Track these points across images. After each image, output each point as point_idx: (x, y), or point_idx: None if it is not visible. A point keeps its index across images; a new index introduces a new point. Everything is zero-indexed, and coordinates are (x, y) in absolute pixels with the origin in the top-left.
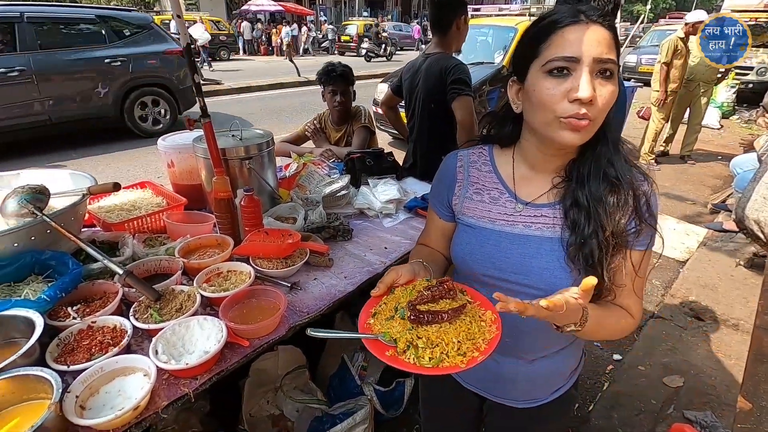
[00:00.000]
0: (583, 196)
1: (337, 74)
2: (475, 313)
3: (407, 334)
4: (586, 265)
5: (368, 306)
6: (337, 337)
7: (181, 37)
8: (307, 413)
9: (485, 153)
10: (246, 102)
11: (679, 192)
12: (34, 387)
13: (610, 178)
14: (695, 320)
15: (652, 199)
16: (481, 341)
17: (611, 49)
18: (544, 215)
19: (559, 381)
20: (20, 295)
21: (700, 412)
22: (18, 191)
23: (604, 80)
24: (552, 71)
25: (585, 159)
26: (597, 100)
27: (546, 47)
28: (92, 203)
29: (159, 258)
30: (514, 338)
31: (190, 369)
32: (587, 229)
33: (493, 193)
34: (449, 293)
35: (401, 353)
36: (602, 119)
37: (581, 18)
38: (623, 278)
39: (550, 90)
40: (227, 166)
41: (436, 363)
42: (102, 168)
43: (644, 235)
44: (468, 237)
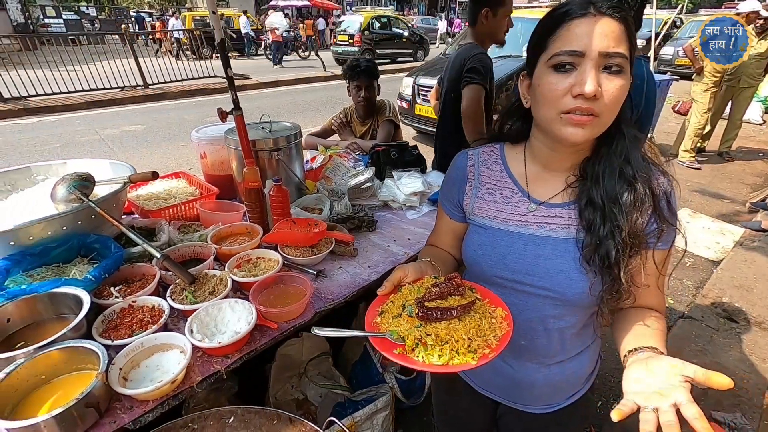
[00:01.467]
0: (598, 196)
1: (362, 69)
2: (485, 309)
3: (415, 331)
4: (603, 266)
5: (375, 304)
6: (344, 335)
7: (216, 33)
8: (329, 398)
9: (496, 151)
10: (273, 96)
11: (715, 190)
12: (82, 358)
13: (626, 176)
14: (728, 322)
15: (672, 197)
16: (492, 338)
17: (620, 42)
18: (558, 215)
19: (577, 385)
20: (68, 275)
21: (729, 413)
22: (67, 179)
23: (611, 75)
24: (557, 66)
25: (600, 156)
26: (603, 96)
27: (553, 40)
28: (131, 192)
29: (193, 244)
30: (529, 340)
31: (223, 348)
32: (603, 230)
33: (506, 193)
34: (458, 290)
35: (410, 351)
36: (611, 115)
37: (590, 10)
38: (645, 279)
39: (554, 85)
40: (257, 157)
41: (446, 360)
42: (137, 159)
43: (666, 234)
44: (480, 238)
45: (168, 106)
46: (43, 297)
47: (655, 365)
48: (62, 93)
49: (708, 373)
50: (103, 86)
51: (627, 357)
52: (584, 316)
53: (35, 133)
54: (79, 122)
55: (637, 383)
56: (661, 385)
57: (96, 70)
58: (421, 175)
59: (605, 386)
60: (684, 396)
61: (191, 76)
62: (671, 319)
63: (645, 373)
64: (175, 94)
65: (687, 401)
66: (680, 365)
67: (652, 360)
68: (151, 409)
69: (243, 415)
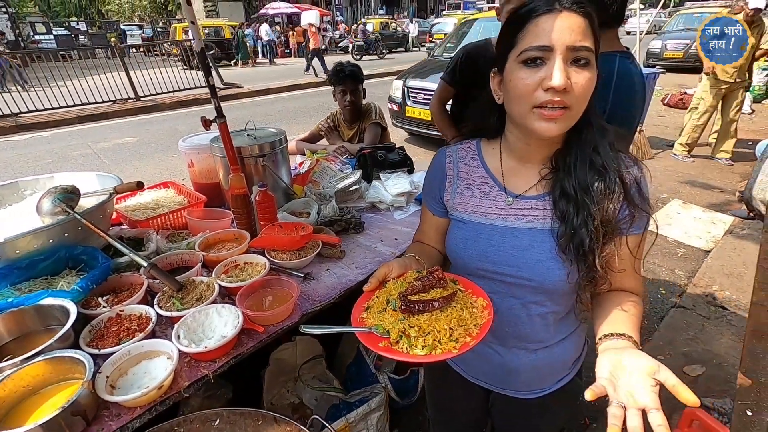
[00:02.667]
0: (570, 186)
1: (346, 74)
2: (466, 300)
3: (399, 324)
4: (578, 254)
5: (361, 301)
6: (331, 332)
7: (196, 42)
8: (324, 401)
9: (473, 147)
10: (265, 104)
11: (705, 180)
12: (69, 368)
13: (596, 166)
14: (719, 309)
15: (643, 183)
16: (473, 327)
17: (586, 36)
18: (534, 207)
19: (563, 370)
20: (56, 287)
21: (718, 399)
22: (52, 191)
23: (579, 68)
24: (526, 61)
25: (570, 148)
26: (573, 88)
27: (522, 36)
28: (120, 203)
29: (181, 252)
30: (513, 327)
31: (209, 352)
32: (576, 219)
33: (483, 188)
34: (440, 282)
35: (394, 344)
36: (581, 107)
37: (556, 6)
38: (620, 264)
39: (525, 80)
40: (243, 163)
41: (429, 350)
42: (131, 171)
43: (639, 219)
44: (461, 232)
45: (160, 118)
46: (30, 310)
47: (630, 362)
48: (54, 108)
49: (677, 386)
50: (95, 100)
51: (601, 341)
52: (565, 302)
53: (28, 149)
54: (71, 137)
55: (610, 373)
56: (633, 384)
57: (87, 85)
58: (407, 175)
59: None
60: (653, 402)
61: (183, 87)
62: (663, 309)
63: (618, 365)
64: (167, 105)
65: (655, 408)
66: (654, 366)
67: (627, 354)
68: (139, 415)
69: (228, 417)
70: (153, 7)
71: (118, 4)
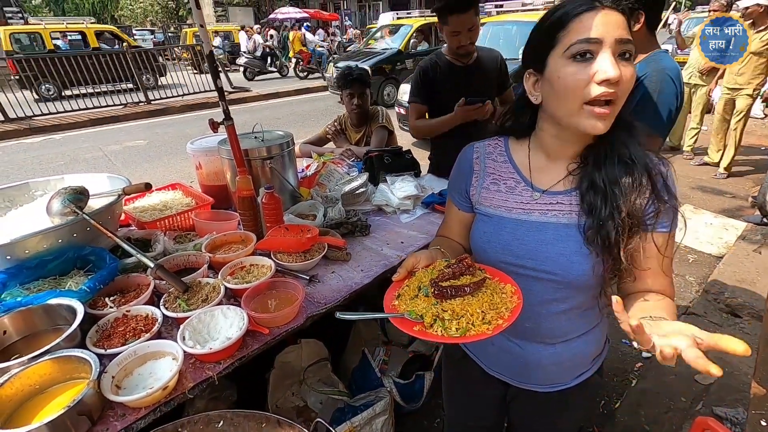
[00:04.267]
0: (599, 179)
1: (354, 78)
2: (495, 286)
3: (433, 309)
4: (604, 247)
5: (392, 290)
6: (366, 317)
7: (204, 45)
8: (329, 404)
9: (501, 144)
10: (274, 107)
11: (716, 185)
12: (75, 367)
13: (624, 159)
14: (731, 317)
15: (670, 179)
16: (504, 310)
17: (628, 31)
18: (560, 202)
19: (583, 365)
20: (64, 287)
21: (731, 408)
22: (61, 192)
23: (624, 62)
24: (575, 56)
25: (601, 143)
26: (621, 81)
27: (564, 35)
28: (129, 204)
29: (187, 253)
30: (534, 322)
31: (214, 354)
32: (604, 211)
33: (510, 183)
34: (469, 269)
35: (428, 327)
36: (623, 101)
37: (596, 4)
38: (646, 261)
39: (576, 75)
40: (250, 166)
41: (463, 332)
42: (140, 173)
43: (665, 216)
44: (486, 226)
45: (170, 121)
46: (39, 309)
47: (665, 323)
48: (67, 112)
49: (719, 336)
50: (107, 104)
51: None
52: (587, 297)
53: (40, 151)
54: (83, 140)
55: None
56: (668, 332)
57: (99, 88)
58: (414, 179)
59: (607, 386)
60: (686, 342)
61: (192, 91)
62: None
63: (653, 324)
64: (177, 108)
65: (688, 346)
66: (693, 328)
67: (663, 321)
68: (144, 415)
69: (232, 419)
70: (164, 12)
71: (131, 9)
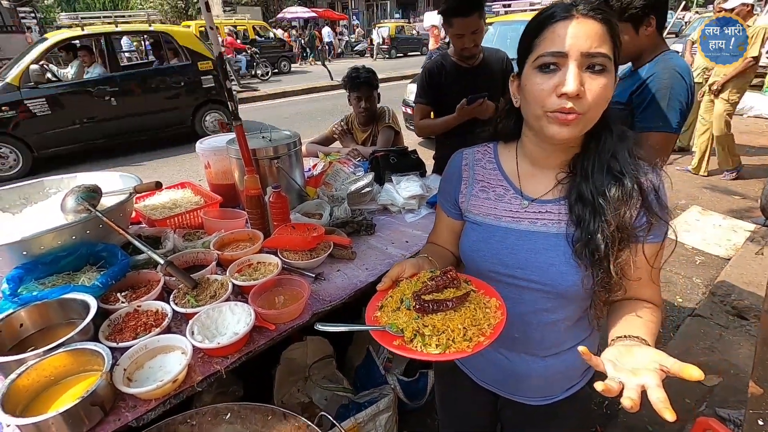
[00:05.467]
0: (587, 191)
1: (362, 81)
2: (479, 300)
3: (413, 323)
4: (593, 260)
5: (375, 300)
6: (346, 329)
7: (214, 47)
8: (334, 401)
9: (490, 150)
10: (281, 107)
11: (726, 186)
12: (89, 360)
13: (613, 171)
14: (738, 319)
15: (661, 190)
16: (486, 326)
17: (603, 42)
18: (549, 211)
19: (573, 378)
20: (77, 282)
21: (734, 410)
22: (75, 190)
23: (594, 74)
24: (541, 67)
25: (588, 153)
26: (586, 95)
27: (538, 42)
28: (139, 202)
29: (196, 250)
30: (523, 333)
31: (222, 348)
32: (593, 224)
33: (499, 190)
34: (453, 282)
35: (408, 342)
36: (596, 113)
37: (573, 12)
38: (636, 272)
39: (540, 85)
40: (257, 165)
41: (443, 349)
42: (149, 173)
43: (657, 228)
44: (475, 234)
45: None
46: (54, 303)
47: (637, 350)
48: None
49: (682, 368)
50: None
51: (613, 342)
52: (577, 309)
53: None
54: None
55: (612, 354)
56: (637, 365)
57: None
58: (419, 178)
59: None
60: (654, 380)
61: None
62: (679, 318)
63: (625, 352)
64: None
65: (656, 385)
66: (660, 356)
67: (636, 347)
68: (154, 407)
69: (239, 411)
70: (174, 11)
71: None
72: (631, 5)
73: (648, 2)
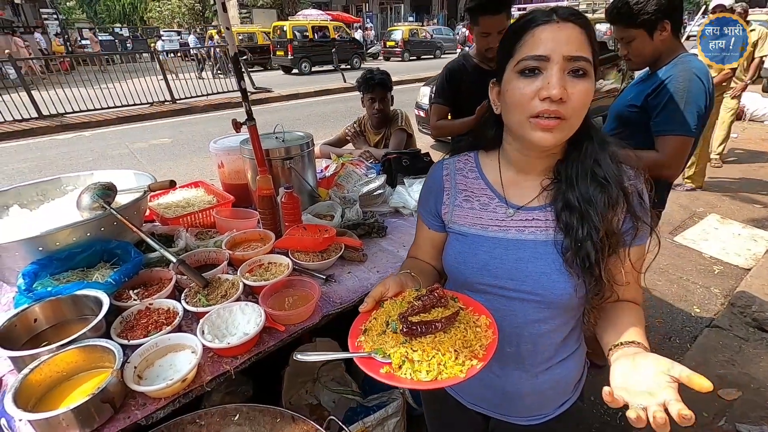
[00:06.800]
0: (574, 198)
1: (376, 82)
2: (469, 319)
3: (401, 348)
4: (584, 267)
5: (357, 323)
6: (327, 359)
7: (230, 47)
8: (342, 404)
9: (471, 159)
10: (294, 108)
11: (746, 193)
12: (100, 357)
13: (598, 178)
14: (758, 331)
15: (644, 194)
16: (478, 348)
17: (583, 47)
18: (536, 218)
19: (565, 394)
20: (91, 278)
21: (755, 425)
22: (91, 188)
23: (576, 79)
24: (524, 71)
25: (571, 159)
26: (569, 99)
27: (519, 47)
28: (153, 201)
29: (208, 250)
30: (515, 347)
31: (232, 348)
32: (581, 232)
33: (483, 199)
34: (440, 301)
35: (397, 369)
36: (579, 118)
37: (553, 17)
38: (624, 276)
39: (521, 89)
40: (270, 165)
41: (434, 376)
42: (164, 171)
43: (642, 231)
44: (460, 245)
45: (193, 120)
46: (67, 299)
47: (642, 363)
48: (96, 110)
49: (691, 377)
50: (134, 102)
51: (612, 351)
52: (569, 318)
53: (71, 147)
54: (111, 137)
55: (623, 379)
56: (650, 384)
57: (127, 88)
58: None
59: None
60: (672, 395)
61: (216, 91)
62: (697, 328)
63: (632, 369)
64: (201, 108)
65: (674, 400)
66: (667, 365)
67: (639, 357)
68: (163, 406)
69: (248, 412)
70: (191, 14)
71: (159, 11)
72: (643, 11)
73: (660, 7)
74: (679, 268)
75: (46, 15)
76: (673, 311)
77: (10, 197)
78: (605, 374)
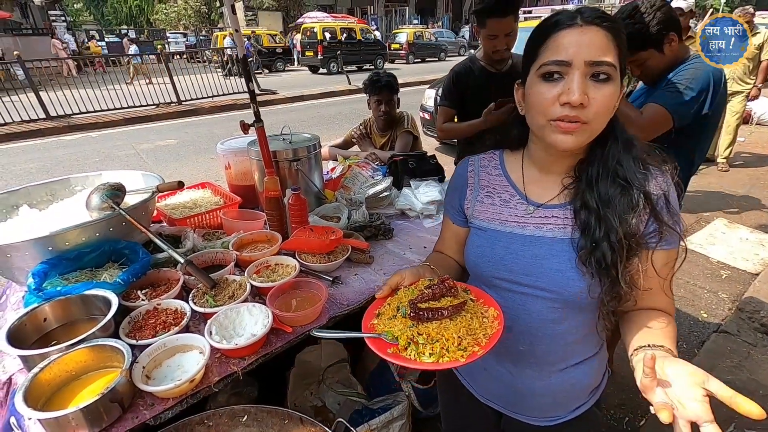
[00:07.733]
0: (592, 199)
1: (382, 85)
2: (477, 309)
3: (408, 331)
4: (600, 268)
5: (372, 308)
6: (341, 336)
7: (238, 49)
8: (347, 406)
9: (496, 157)
10: (299, 110)
11: (755, 197)
12: (109, 356)
13: (618, 179)
14: (767, 337)
15: (672, 197)
16: (482, 336)
17: (608, 51)
18: (555, 216)
19: (580, 398)
20: (100, 278)
21: None
22: (100, 188)
23: (598, 83)
24: (545, 75)
25: (593, 160)
26: (590, 103)
27: (543, 50)
28: (160, 201)
29: (215, 250)
30: (529, 345)
31: (239, 349)
32: (598, 232)
33: (504, 196)
34: (450, 291)
35: (402, 350)
36: (601, 121)
37: (577, 21)
38: (647, 281)
39: (543, 94)
40: (277, 167)
41: (437, 358)
42: (170, 172)
43: (669, 234)
44: (479, 240)
45: (199, 122)
46: (76, 299)
47: (672, 370)
48: (103, 111)
49: (735, 396)
50: (140, 104)
51: (635, 353)
52: (585, 320)
53: (78, 148)
54: (117, 138)
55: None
56: (680, 393)
57: (134, 89)
58: (438, 184)
59: (632, 402)
60: (705, 413)
61: (222, 92)
62: (704, 333)
63: (660, 373)
64: (206, 110)
65: (708, 421)
66: (702, 376)
67: (668, 362)
68: (171, 406)
69: (256, 413)
70: (197, 16)
71: (165, 13)
72: (647, 33)
73: (662, 23)
74: (686, 272)
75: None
76: (680, 316)
77: (20, 197)
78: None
